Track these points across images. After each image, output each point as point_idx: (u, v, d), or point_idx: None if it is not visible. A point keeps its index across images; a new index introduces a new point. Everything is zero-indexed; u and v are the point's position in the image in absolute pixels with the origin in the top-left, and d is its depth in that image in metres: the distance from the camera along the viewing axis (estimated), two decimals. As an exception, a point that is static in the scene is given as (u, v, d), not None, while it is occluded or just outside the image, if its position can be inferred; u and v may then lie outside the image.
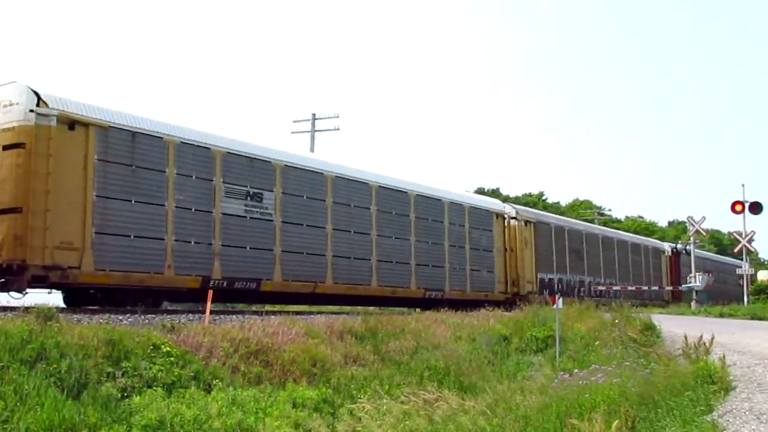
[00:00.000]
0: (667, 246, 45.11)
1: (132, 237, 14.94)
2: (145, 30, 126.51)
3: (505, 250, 27.27)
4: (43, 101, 13.62)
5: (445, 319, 17.80)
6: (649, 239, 46.46)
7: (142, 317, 12.92)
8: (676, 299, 40.35)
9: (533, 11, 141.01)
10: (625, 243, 38.16)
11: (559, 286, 29.76)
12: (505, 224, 27.35)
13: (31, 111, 13.43)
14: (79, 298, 15.13)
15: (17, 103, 13.55)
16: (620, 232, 43.51)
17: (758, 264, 67.40)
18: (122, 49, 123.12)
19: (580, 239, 32.86)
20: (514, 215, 28.02)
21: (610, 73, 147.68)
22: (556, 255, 30.52)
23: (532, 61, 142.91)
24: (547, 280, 29.54)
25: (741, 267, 37.67)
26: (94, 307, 14.11)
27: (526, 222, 28.45)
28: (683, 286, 37.47)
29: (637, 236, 45.90)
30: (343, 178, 20.37)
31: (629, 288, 35.71)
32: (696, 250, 43.92)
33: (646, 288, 38.08)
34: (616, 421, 6.96)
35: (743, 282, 34.78)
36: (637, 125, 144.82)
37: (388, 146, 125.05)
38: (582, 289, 32.23)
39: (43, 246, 13.35)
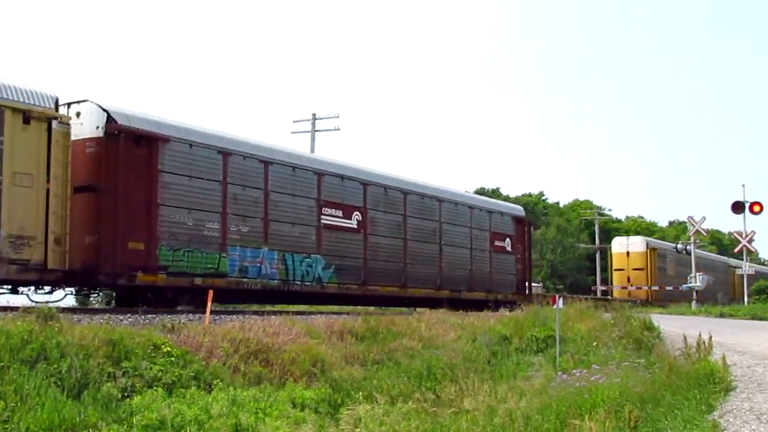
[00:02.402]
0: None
1: None
2: (146, 30, 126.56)
3: None
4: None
5: (446, 319, 17.80)
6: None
7: (143, 317, 12.94)
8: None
9: (534, 11, 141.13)
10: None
11: None
12: None
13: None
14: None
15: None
16: None
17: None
18: (123, 49, 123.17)
19: None
20: None
21: (611, 73, 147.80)
22: None
23: (533, 60, 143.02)
24: None
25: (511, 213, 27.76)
26: (95, 307, 14.11)
27: None
28: (683, 286, 37.22)
29: None
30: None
31: None
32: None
33: None
34: (613, 422, 6.95)
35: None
36: (637, 125, 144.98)
37: (388, 146, 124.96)
38: None
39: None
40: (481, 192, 62.04)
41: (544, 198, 76.15)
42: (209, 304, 13.69)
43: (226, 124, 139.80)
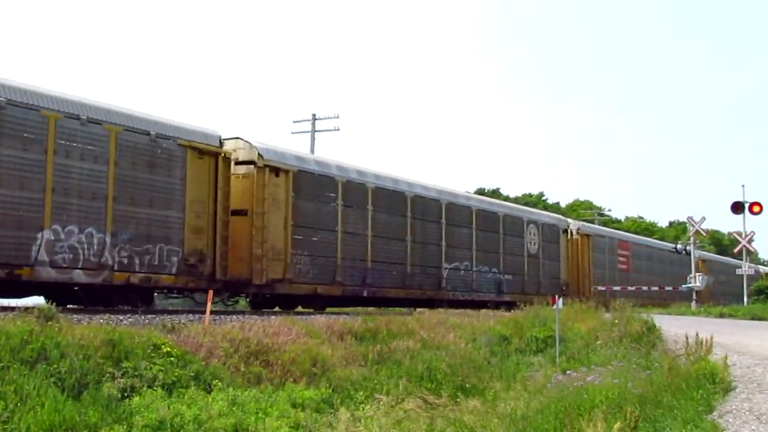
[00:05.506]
0: None
1: None
2: (146, 29, 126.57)
3: None
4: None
5: (446, 320, 17.79)
6: None
7: (143, 317, 12.92)
8: None
9: (533, 11, 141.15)
10: None
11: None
12: None
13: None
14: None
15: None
16: None
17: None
18: (123, 49, 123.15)
19: None
20: None
21: (610, 73, 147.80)
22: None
23: (532, 60, 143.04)
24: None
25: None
26: (95, 307, 14.13)
27: None
28: (683, 286, 37.16)
29: None
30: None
31: None
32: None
33: None
34: (618, 423, 6.95)
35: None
36: (637, 125, 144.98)
37: (388, 146, 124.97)
38: None
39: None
40: (480, 192, 62.01)
41: (544, 198, 76.10)
42: (209, 304, 13.68)
43: (226, 125, 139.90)
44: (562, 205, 76.50)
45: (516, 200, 58.73)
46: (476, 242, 26.13)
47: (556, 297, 16.34)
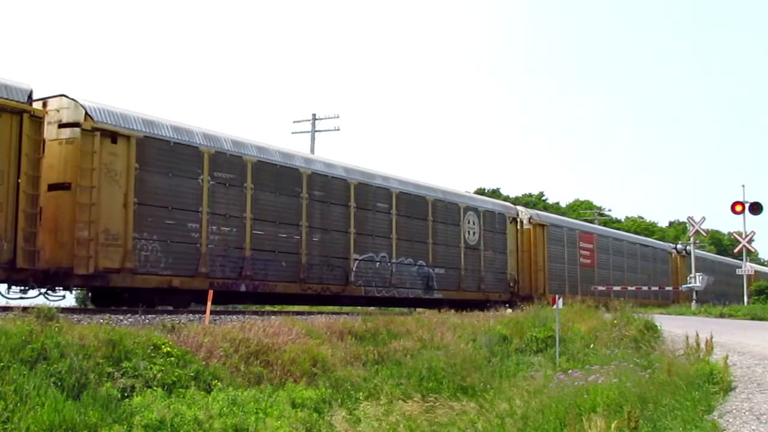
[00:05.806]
0: None
1: None
2: (146, 30, 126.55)
3: None
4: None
5: (446, 320, 17.79)
6: None
7: (143, 317, 12.92)
8: None
9: (533, 10, 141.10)
10: None
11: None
12: None
13: None
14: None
15: None
16: None
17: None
18: (124, 49, 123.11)
19: None
20: None
21: (611, 73, 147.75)
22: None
23: (533, 61, 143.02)
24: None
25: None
26: (95, 307, 14.13)
27: None
28: (683, 286, 37.14)
29: None
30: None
31: None
32: None
33: None
34: (615, 422, 6.95)
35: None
36: (637, 125, 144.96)
37: (388, 146, 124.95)
38: None
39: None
40: (480, 192, 62.00)
41: (544, 198, 76.12)
42: (209, 304, 13.69)
43: (226, 124, 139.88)
44: (563, 205, 76.58)
45: (516, 200, 58.73)
46: (397, 230, 22.45)
47: (556, 297, 16.32)
